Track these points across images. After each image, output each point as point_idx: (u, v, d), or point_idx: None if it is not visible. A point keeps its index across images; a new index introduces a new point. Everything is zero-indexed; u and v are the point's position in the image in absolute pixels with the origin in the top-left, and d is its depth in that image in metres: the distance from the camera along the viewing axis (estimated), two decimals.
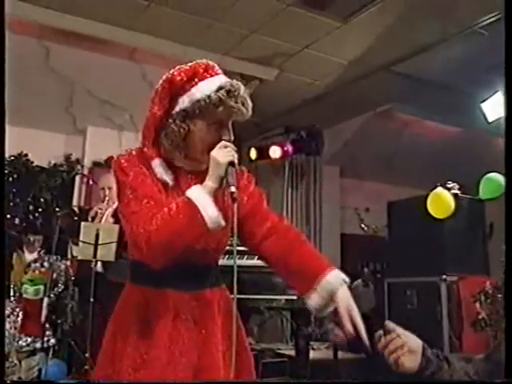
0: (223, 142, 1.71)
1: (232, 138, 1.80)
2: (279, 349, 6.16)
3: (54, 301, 4.96)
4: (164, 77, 1.76)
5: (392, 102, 7.06)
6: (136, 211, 1.63)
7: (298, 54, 5.88)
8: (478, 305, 4.79)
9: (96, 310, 3.87)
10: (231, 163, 1.65)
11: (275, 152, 7.28)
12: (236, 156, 1.68)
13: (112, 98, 6.22)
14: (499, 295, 4.54)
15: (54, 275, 5.03)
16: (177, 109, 1.73)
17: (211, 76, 1.78)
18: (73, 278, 5.03)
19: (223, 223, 1.62)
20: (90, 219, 4.35)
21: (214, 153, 1.67)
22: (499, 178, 4.86)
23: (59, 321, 5.05)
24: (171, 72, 1.76)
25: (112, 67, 5.91)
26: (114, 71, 5.94)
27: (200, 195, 1.61)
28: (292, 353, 5.37)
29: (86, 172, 6.77)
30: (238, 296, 4.61)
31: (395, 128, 7.51)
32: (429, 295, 5.03)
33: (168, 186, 1.74)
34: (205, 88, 1.72)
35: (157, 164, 1.73)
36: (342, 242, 8.62)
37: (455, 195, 5.00)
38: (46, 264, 5.14)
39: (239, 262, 4.84)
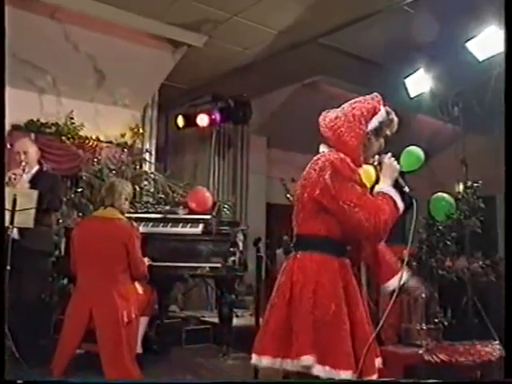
0: (390, 154, 2.38)
1: None
2: (203, 316, 6.22)
3: None
4: (358, 105, 2.37)
5: (319, 74, 7.14)
6: (367, 203, 2.21)
7: (227, 22, 5.80)
8: None
9: (12, 278, 3.74)
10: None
11: (203, 120, 7.22)
12: None
13: (32, 59, 5.92)
14: (414, 263, 4.74)
15: None
16: (370, 128, 2.35)
17: (381, 103, 2.41)
18: None
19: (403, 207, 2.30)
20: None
21: (387, 161, 2.35)
22: (418, 150, 5.03)
23: None
24: (365, 101, 2.38)
25: (32, 25, 5.60)
26: (34, 29, 5.64)
27: (393, 191, 2.27)
28: (216, 320, 5.43)
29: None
30: (162, 264, 4.58)
31: (322, 100, 7.60)
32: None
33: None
34: (383, 112, 2.37)
35: (359, 171, 2.30)
36: (267, 211, 8.73)
37: (377, 166, 5.12)
38: None
39: (163, 229, 4.82)
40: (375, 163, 2.40)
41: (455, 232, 4.63)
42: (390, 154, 2.38)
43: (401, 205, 2.27)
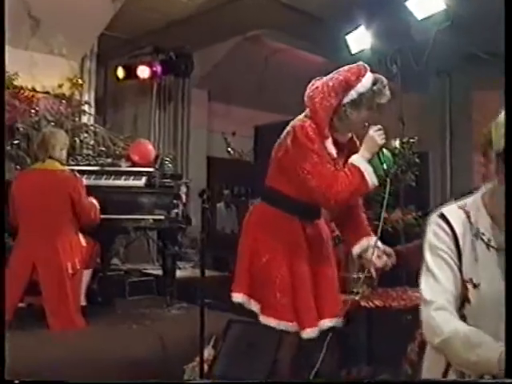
0: (379, 126, 2.35)
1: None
2: (145, 269, 6.26)
3: None
4: (336, 75, 2.35)
5: (262, 28, 7.11)
6: (322, 172, 2.25)
7: None
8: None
9: None
10: (382, 146, 2.33)
11: (143, 72, 7.08)
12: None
13: None
14: None
15: None
16: (347, 100, 2.33)
17: (366, 73, 2.35)
18: None
19: (377, 184, 2.32)
20: None
21: (372, 133, 2.33)
22: None
23: None
24: (345, 71, 2.35)
25: None
26: None
27: (364, 165, 2.28)
28: (159, 273, 5.49)
29: None
30: (105, 216, 4.56)
31: (264, 54, 7.61)
32: None
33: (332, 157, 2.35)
34: (366, 83, 2.32)
35: (329, 142, 2.34)
36: (208, 165, 8.75)
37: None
38: None
39: (106, 182, 4.78)
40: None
41: (392, 186, 4.79)
42: (377, 127, 2.37)
43: (371, 179, 2.29)
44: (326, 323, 2.49)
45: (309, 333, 2.42)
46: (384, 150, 2.41)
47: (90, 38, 6.67)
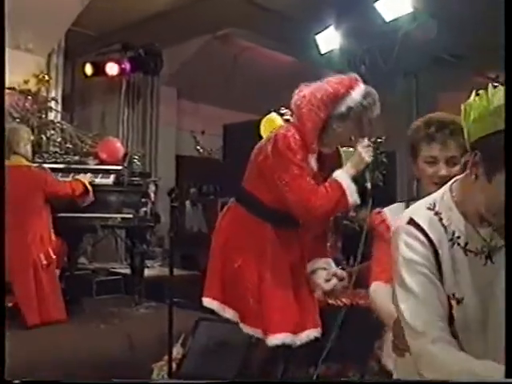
0: (367, 142, 2.29)
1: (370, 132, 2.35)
2: (113, 268, 6.20)
3: None
4: (326, 86, 2.24)
5: (231, 26, 7.10)
6: (302, 185, 2.17)
7: None
8: None
9: None
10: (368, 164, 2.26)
11: (112, 69, 7.00)
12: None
13: None
14: None
15: None
16: (335, 112, 2.22)
17: (357, 86, 2.26)
18: None
19: (359, 203, 2.25)
20: None
21: (360, 149, 2.25)
22: None
23: None
24: (335, 83, 2.24)
25: None
26: None
27: (346, 182, 2.20)
28: (126, 271, 5.45)
29: None
30: (73, 215, 4.52)
31: (233, 53, 7.61)
32: None
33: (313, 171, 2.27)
34: (355, 96, 2.22)
35: (311, 159, 2.26)
36: (176, 163, 8.71)
37: (287, 121, 5.24)
38: None
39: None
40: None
41: (359, 185, 4.85)
42: (366, 143, 2.29)
43: (352, 197, 2.22)
44: (313, 333, 2.41)
45: (277, 339, 2.31)
46: (350, 150, 2.37)
47: (58, 34, 6.57)
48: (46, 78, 6.42)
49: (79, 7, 6.11)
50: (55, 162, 4.90)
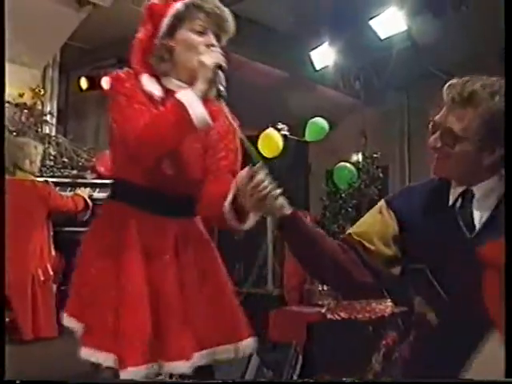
0: (209, 45, 1.76)
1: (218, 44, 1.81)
2: None
3: None
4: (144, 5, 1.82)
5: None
6: (129, 115, 1.66)
7: None
8: None
9: None
10: (219, 66, 1.68)
11: (108, 83, 7.02)
12: (224, 59, 1.71)
13: None
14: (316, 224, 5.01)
15: None
16: (161, 31, 1.76)
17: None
18: None
19: (210, 122, 1.68)
20: None
21: (200, 56, 1.70)
22: (323, 121, 5.28)
23: None
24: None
25: None
26: None
27: (188, 95, 1.63)
28: None
29: None
30: (71, 229, 4.49)
31: (228, 68, 7.65)
32: (256, 226, 5.37)
33: (156, 100, 1.75)
34: (179, 3, 1.75)
35: (144, 77, 1.77)
36: None
37: (284, 136, 5.29)
38: None
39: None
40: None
41: (356, 200, 4.95)
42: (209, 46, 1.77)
43: (197, 116, 1.62)
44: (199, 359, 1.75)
45: (131, 372, 1.62)
46: (347, 165, 2.35)
47: (53, 48, 6.59)
48: (42, 91, 6.44)
49: (75, 22, 6.14)
50: (52, 176, 4.90)
